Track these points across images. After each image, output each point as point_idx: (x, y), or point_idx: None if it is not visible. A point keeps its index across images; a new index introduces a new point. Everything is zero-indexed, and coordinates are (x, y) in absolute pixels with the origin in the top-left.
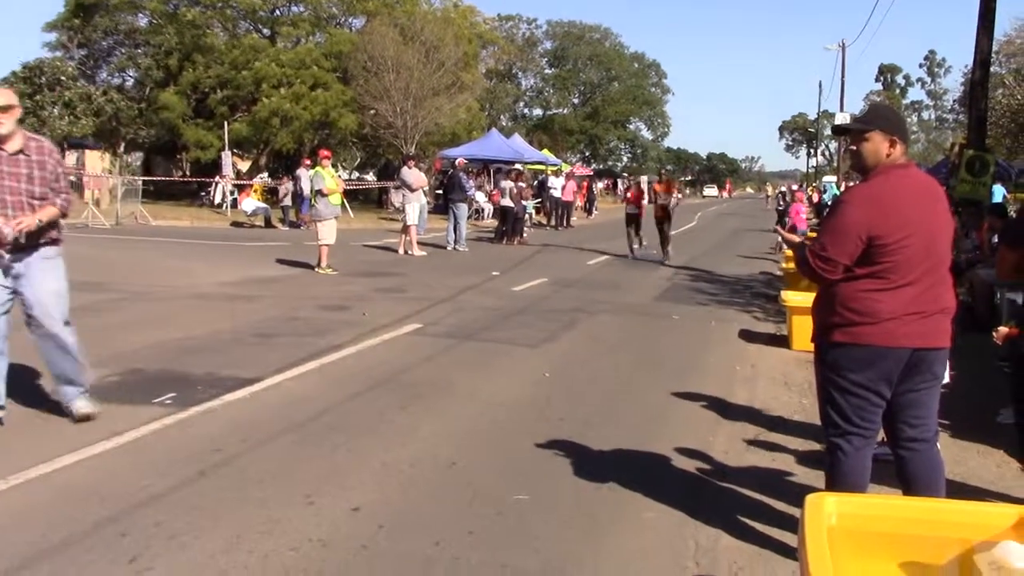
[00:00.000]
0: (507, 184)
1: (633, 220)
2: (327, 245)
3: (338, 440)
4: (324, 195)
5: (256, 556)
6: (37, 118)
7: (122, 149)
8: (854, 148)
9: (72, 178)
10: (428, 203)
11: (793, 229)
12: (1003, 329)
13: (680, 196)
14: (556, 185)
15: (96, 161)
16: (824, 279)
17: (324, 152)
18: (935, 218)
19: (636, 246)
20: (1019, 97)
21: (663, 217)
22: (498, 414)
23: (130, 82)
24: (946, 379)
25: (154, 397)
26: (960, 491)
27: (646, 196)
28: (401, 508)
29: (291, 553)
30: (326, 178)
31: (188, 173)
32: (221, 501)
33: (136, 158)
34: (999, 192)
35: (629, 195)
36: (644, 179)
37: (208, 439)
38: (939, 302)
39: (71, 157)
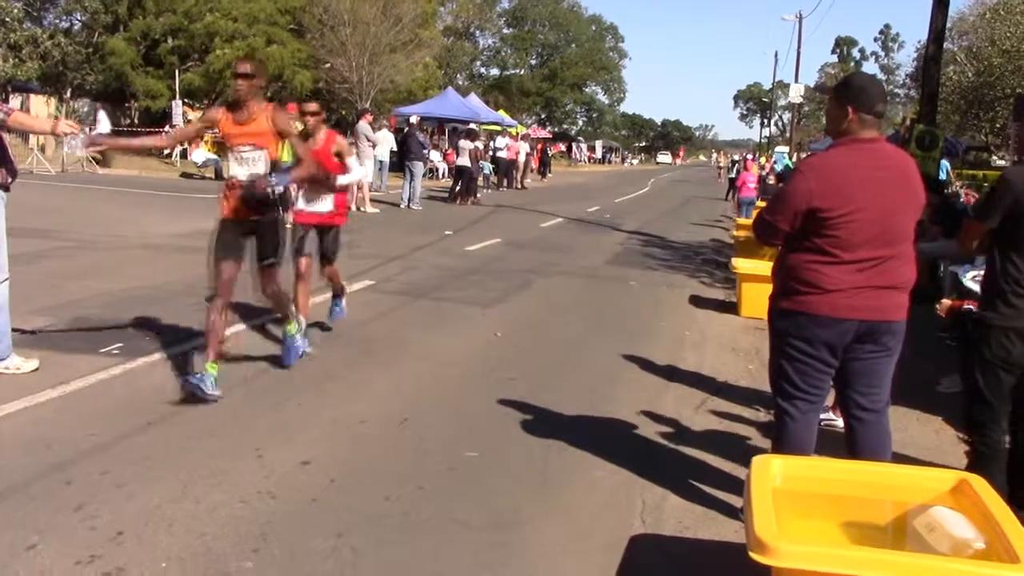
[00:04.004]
0: (466, 143)
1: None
2: None
3: (288, 394)
4: None
5: (204, 507)
6: None
7: (68, 95)
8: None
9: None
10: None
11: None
12: (946, 302)
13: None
14: (501, 145)
15: (41, 106)
16: (765, 241)
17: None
18: (893, 194)
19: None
20: (969, 75)
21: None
22: (450, 372)
23: (78, 26)
24: None
25: (101, 347)
26: (899, 457)
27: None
28: (352, 463)
29: (240, 505)
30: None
31: (137, 122)
32: (169, 452)
33: (83, 104)
34: (944, 167)
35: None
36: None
37: (156, 390)
38: (894, 277)
39: (15, 101)
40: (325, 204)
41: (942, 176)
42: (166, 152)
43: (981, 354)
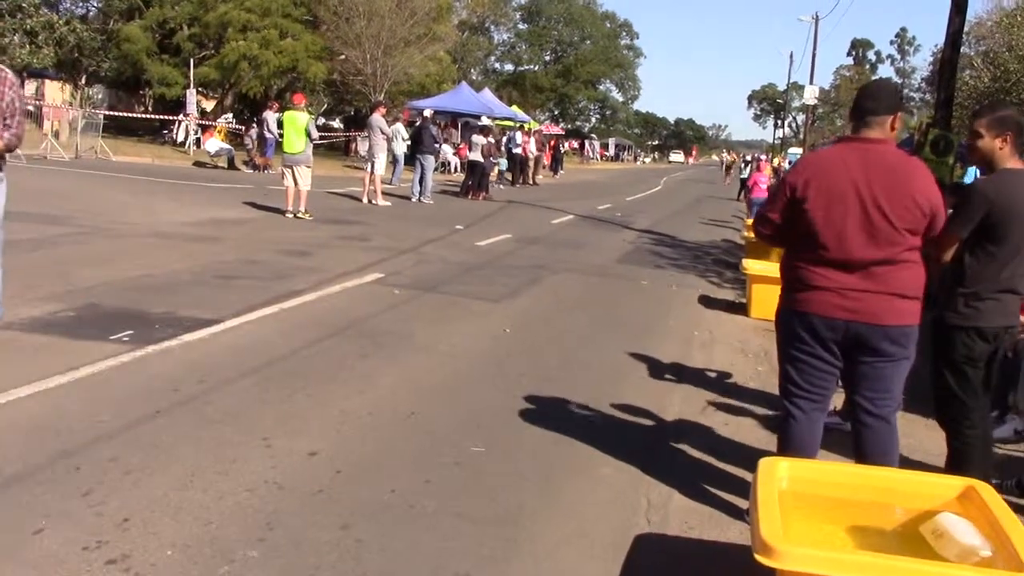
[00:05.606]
0: (479, 139)
1: None
2: (307, 191)
3: (296, 385)
4: (312, 141)
5: (211, 495)
6: None
7: (83, 81)
8: None
9: (31, 108)
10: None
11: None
12: None
13: None
14: (519, 141)
15: (56, 92)
16: (764, 236)
17: (302, 97)
18: (878, 194)
19: None
20: (986, 80)
21: None
22: (458, 367)
23: (93, 12)
24: None
25: (111, 334)
26: (906, 463)
27: None
28: (359, 455)
29: (246, 494)
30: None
31: (151, 110)
32: (177, 440)
33: (98, 91)
34: (973, 174)
35: None
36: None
37: (165, 378)
38: (892, 283)
39: (31, 87)
40: None
41: (968, 181)
42: (179, 140)
43: (947, 354)
